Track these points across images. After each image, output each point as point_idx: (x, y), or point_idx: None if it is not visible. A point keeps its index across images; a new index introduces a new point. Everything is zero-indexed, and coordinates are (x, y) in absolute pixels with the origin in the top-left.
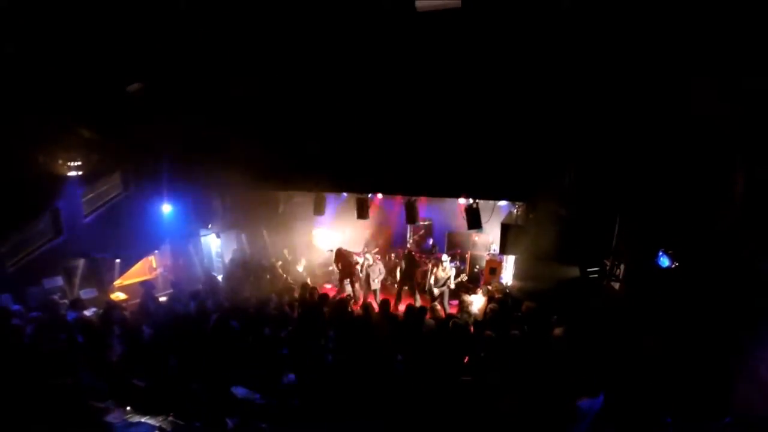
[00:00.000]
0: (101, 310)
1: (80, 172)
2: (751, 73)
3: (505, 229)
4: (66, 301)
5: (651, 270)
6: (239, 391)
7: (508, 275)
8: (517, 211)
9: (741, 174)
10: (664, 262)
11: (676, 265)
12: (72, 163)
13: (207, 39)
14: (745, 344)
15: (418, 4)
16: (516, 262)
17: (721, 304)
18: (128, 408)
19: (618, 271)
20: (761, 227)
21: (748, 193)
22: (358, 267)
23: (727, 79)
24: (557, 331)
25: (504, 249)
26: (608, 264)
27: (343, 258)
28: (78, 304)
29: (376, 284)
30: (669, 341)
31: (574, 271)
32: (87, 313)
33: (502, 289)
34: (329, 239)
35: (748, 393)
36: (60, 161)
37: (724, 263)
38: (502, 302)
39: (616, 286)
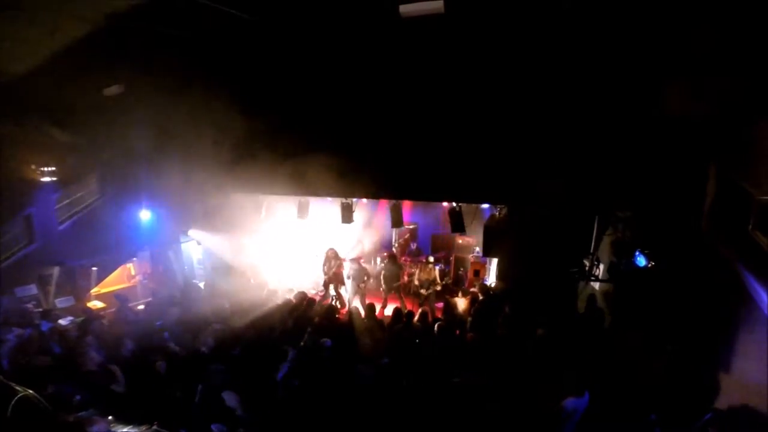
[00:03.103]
0: (79, 320)
1: (54, 178)
2: (725, 76)
3: (488, 231)
4: (39, 310)
5: (629, 269)
6: (229, 398)
7: (492, 277)
8: (499, 214)
9: (714, 177)
10: (641, 261)
11: (652, 265)
12: (46, 168)
13: (186, 39)
14: (722, 340)
15: (402, 10)
16: (499, 263)
17: (698, 301)
18: (110, 418)
19: (597, 270)
20: (733, 228)
21: (720, 196)
22: (344, 271)
23: (702, 83)
24: (540, 331)
25: (487, 251)
26: (587, 264)
27: (331, 260)
28: (50, 315)
29: (360, 288)
30: (649, 340)
31: (556, 272)
32: (63, 322)
33: (486, 290)
34: (313, 243)
35: (728, 388)
36: (33, 165)
37: (699, 262)
38: (486, 304)
39: (596, 285)
